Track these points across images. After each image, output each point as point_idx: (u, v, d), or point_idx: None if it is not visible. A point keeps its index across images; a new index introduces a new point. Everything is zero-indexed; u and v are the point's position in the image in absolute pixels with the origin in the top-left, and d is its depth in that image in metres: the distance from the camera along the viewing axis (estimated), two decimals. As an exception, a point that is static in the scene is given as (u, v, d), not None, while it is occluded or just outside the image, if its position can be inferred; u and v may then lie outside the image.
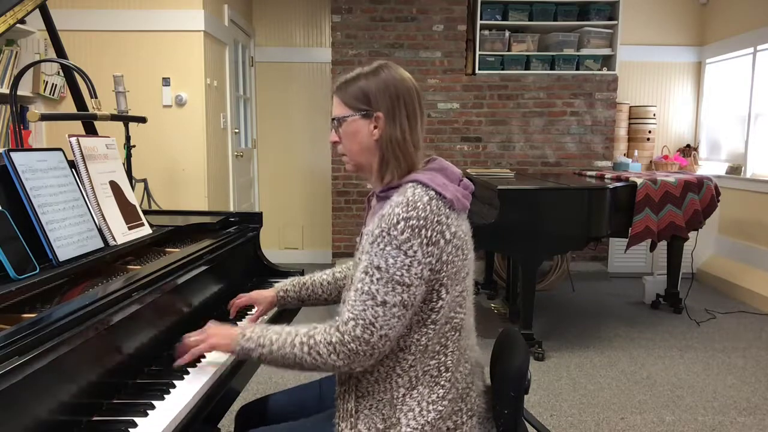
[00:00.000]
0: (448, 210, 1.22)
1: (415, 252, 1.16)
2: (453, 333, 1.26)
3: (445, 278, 1.21)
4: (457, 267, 1.22)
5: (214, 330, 1.32)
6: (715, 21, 5.34)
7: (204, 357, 1.37)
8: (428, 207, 1.18)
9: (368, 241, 1.20)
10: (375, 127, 1.27)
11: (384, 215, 1.19)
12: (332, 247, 5.23)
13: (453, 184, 1.26)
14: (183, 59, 4.02)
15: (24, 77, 2.21)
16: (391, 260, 1.16)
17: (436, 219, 1.19)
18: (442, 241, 1.19)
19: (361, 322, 1.16)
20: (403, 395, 1.24)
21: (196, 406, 1.21)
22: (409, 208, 1.17)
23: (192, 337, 1.32)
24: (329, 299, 1.64)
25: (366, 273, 1.18)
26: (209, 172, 4.18)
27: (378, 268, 1.17)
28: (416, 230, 1.16)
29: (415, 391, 1.24)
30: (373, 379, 1.26)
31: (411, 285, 1.16)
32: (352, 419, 1.26)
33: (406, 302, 1.17)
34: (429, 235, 1.17)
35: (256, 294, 1.65)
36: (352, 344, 1.16)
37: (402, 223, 1.16)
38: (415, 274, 1.16)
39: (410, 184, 1.23)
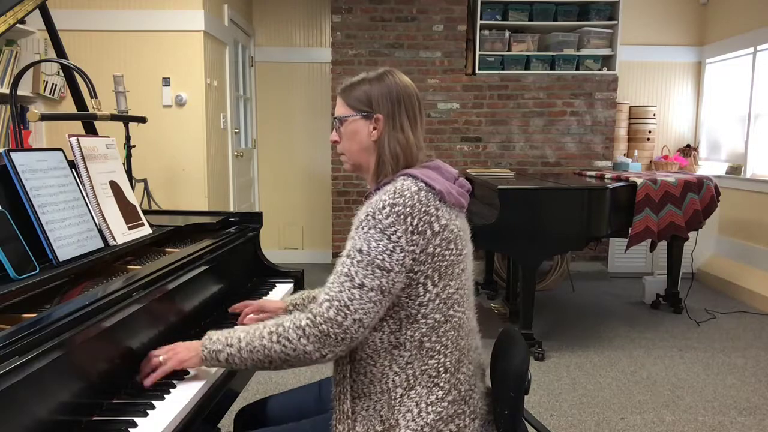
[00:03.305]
0: (437, 202, 1.23)
1: (398, 238, 1.17)
2: (452, 332, 1.26)
3: (431, 271, 1.21)
4: (448, 261, 1.23)
5: (180, 344, 1.28)
6: (715, 21, 5.34)
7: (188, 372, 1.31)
8: (416, 196, 1.20)
9: (354, 226, 1.21)
10: (374, 129, 1.30)
11: (372, 202, 1.21)
12: (332, 247, 5.23)
13: (447, 181, 1.28)
14: (183, 59, 4.02)
15: (24, 77, 2.21)
16: (373, 243, 1.17)
17: (423, 209, 1.20)
18: (429, 232, 1.20)
19: (336, 303, 1.16)
20: (401, 396, 1.23)
21: (196, 405, 1.21)
22: (396, 195, 1.19)
23: (157, 354, 1.26)
24: None
25: (348, 256, 1.19)
26: (209, 172, 4.17)
27: (360, 251, 1.17)
28: (401, 216, 1.18)
29: (413, 391, 1.23)
30: (368, 380, 1.25)
31: (391, 270, 1.17)
32: (349, 421, 1.25)
33: (383, 287, 1.17)
34: (415, 223, 1.18)
35: (267, 302, 1.60)
36: (323, 325, 1.15)
37: (387, 208, 1.18)
38: (397, 260, 1.17)
39: (401, 177, 1.26)
